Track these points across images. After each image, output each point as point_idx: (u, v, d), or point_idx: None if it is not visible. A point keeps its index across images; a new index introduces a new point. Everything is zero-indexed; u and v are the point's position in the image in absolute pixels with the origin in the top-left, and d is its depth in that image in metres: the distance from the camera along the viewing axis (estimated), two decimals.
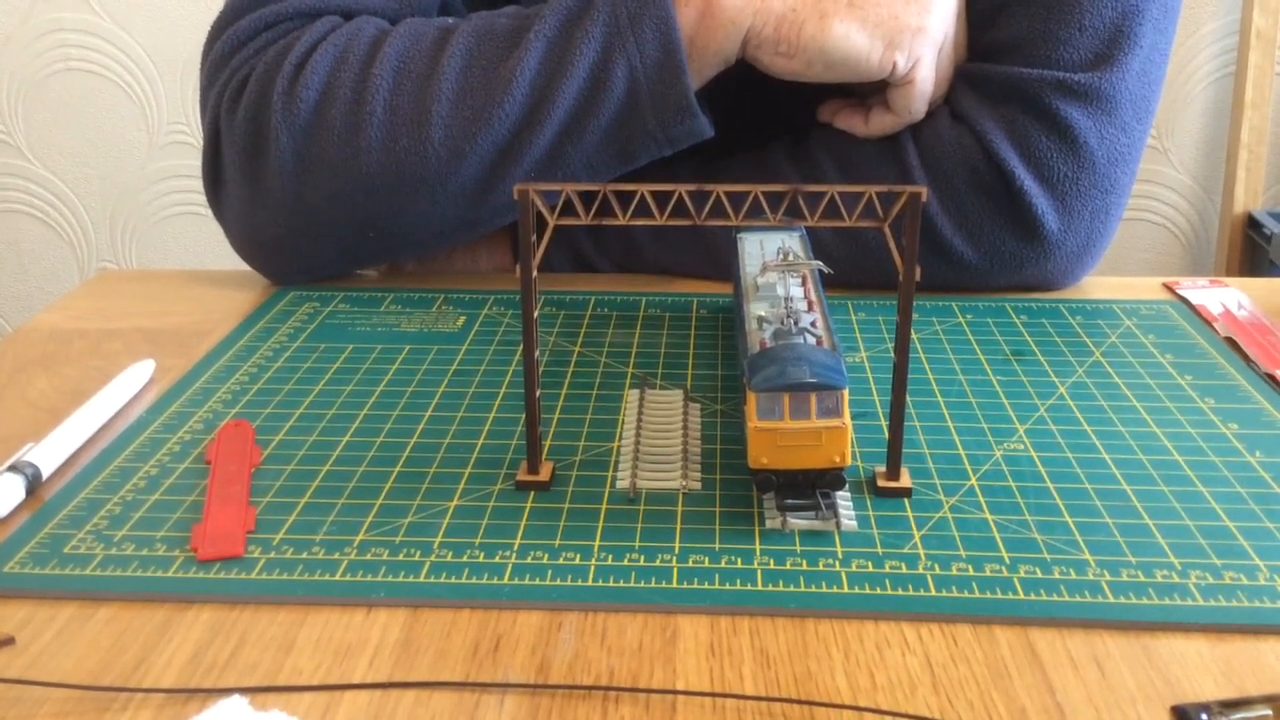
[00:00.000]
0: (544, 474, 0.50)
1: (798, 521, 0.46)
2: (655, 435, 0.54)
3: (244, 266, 0.75)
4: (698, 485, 0.50)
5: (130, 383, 0.58)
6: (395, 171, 0.66)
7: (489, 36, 0.66)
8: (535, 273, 0.47)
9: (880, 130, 0.70)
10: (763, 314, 0.51)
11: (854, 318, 0.68)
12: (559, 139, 0.65)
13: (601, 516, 0.47)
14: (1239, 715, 0.36)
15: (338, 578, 0.43)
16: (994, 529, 0.46)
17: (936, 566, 0.44)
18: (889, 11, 0.64)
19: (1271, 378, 0.59)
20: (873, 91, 0.70)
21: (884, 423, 0.55)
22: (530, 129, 0.64)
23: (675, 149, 0.66)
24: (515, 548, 0.45)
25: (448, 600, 0.42)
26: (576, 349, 0.64)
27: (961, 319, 0.67)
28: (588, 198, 0.48)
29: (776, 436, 0.45)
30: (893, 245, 0.47)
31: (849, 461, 0.46)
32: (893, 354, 0.49)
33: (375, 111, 0.65)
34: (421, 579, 0.43)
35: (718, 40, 0.64)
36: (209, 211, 0.74)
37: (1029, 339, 0.64)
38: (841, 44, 0.64)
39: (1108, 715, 0.37)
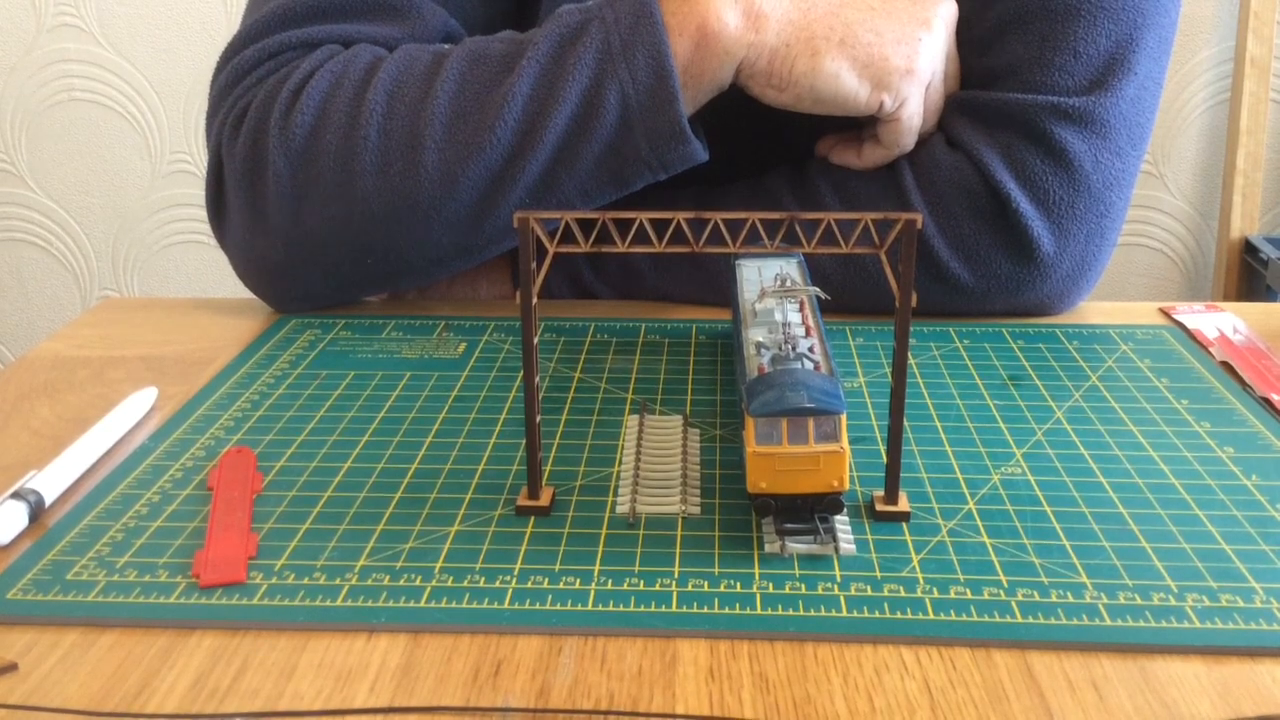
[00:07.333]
0: (544, 499, 0.50)
1: (796, 546, 0.46)
2: (655, 460, 0.54)
3: (245, 294, 0.76)
4: (697, 510, 0.50)
5: (132, 410, 0.59)
6: (390, 196, 0.66)
7: (482, 61, 0.66)
8: (535, 300, 0.48)
9: (873, 162, 0.71)
10: (761, 340, 0.52)
11: (852, 343, 0.68)
12: (552, 164, 0.65)
13: (601, 541, 0.48)
14: None
15: (339, 603, 0.44)
16: (992, 552, 0.46)
17: (935, 590, 0.44)
18: (879, 52, 0.65)
19: (1267, 401, 0.60)
20: (867, 122, 0.71)
21: (882, 447, 0.55)
22: (523, 154, 0.65)
23: (669, 174, 0.67)
24: (515, 572, 0.45)
25: (448, 625, 0.42)
26: (576, 375, 0.64)
27: (959, 344, 0.68)
28: (587, 225, 0.48)
29: (775, 461, 0.45)
30: (889, 272, 0.47)
31: (847, 486, 0.46)
32: (890, 379, 0.49)
33: (369, 136, 0.66)
34: (422, 604, 0.43)
35: (711, 70, 0.65)
36: (211, 240, 0.75)
37: (1026, 364, 0.65)
38: (831, 83, 0.65)
39: None
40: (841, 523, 0.48)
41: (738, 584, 0.44)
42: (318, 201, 0.67)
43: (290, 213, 0.68)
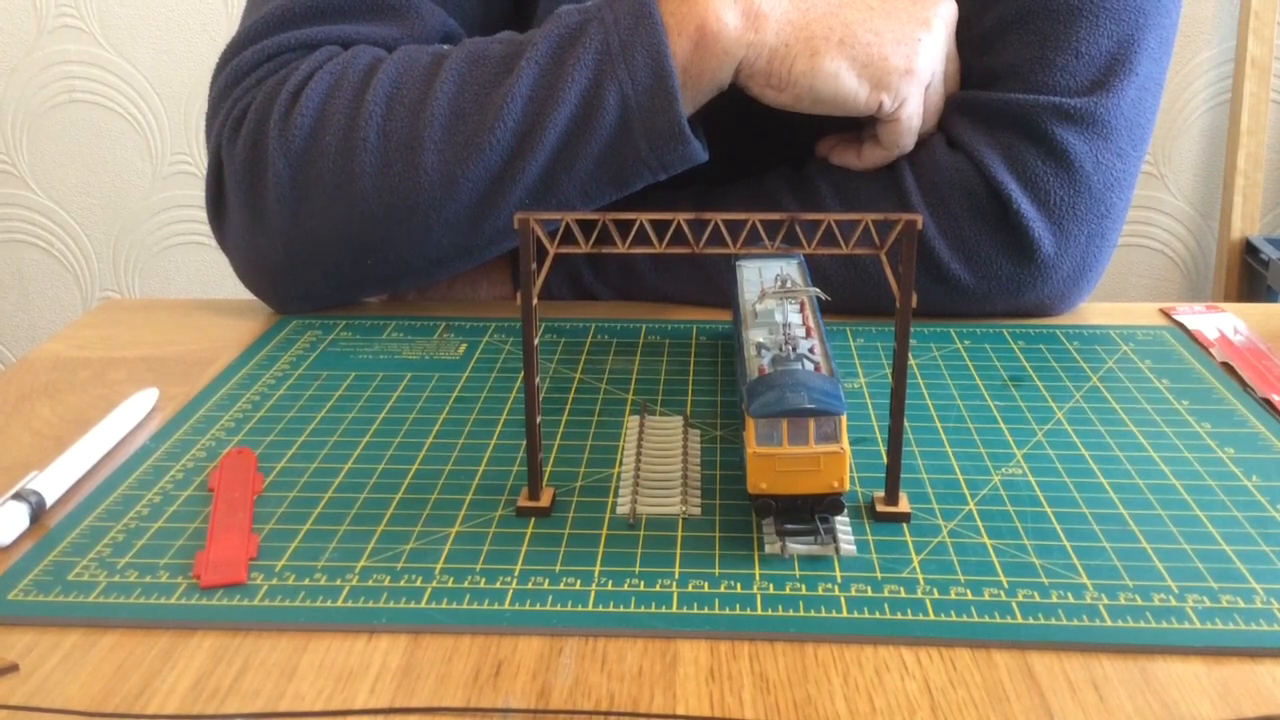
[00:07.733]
0: (545, 500, 0.50)
1: (797, 546, 0.46)
2: (655, 461, 0.54)
3: (246, 295, 0.76)
4: (697, 510, 0.50)
5: (133, 411, 0.59)
6: (389, 198, 0.66)
7: (481, 62, 0.66)
8: (536, 300, 0.48)
9: (872, 163, 0.71)
10: (761, 340, 0.52)
11: (852, 344, 0.68)
12: (551, 165, 0.65)
13: (602, 542, 0.48)
14: None
15: (339, 604, 0.44)
16: (992, 553, 0.46)
17: (935, 591, 0.44)
18: (879, 52, 0.65)
19: (1268, 402, 0.60)
20: (867, 122, 0.71)
21: (882, 448, 0.55)
22: (522, 155, 0.65)
23: (669, 174, 0.67)
24: (516, 573, 0.45)
25: (449, 626, 0.42)
26: (577, 376, 0.64)
27: (959, 345, 0.68)
28: (587, 226, 0.48)
29: (775, 462, 0.45)
30: (889, 272, 0.47)
31: (847, 487, 0.46)
32: (890, 379, 0.49)
33: (369, 138, 0.66)
34: (423, 605, 0.43)
35: (711, 70, 0.65)
36: (211, 241, 0.75)
37: (1026, 364, 0.65)
38: (830, 83, 0.65)
39: None
40: (842, 523, 0.48)
41: (738, 585, 0.44)
42: (317, 202, 0.67)
43: (290, 214, 0.68)
